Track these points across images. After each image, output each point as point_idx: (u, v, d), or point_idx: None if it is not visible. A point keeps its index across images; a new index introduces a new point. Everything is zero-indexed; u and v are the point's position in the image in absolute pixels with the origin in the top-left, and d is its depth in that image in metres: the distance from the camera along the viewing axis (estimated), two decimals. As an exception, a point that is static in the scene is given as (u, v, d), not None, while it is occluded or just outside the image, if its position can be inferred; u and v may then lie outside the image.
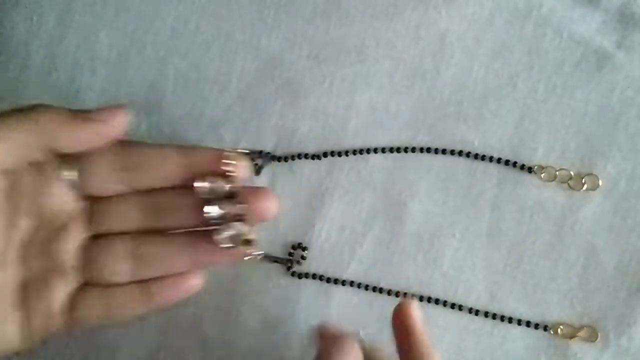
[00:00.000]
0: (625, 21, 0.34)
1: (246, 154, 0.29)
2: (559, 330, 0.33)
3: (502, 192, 0.34)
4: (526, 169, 0.34)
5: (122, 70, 0.37)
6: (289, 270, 0.35)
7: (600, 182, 0.34)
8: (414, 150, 0.35)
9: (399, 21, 0.35)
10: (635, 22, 0.34)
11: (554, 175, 0.34)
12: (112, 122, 0.28)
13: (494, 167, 0.35)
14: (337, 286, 0.35)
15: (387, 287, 0.35)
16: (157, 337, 0.35)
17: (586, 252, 0.34)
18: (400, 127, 0.35)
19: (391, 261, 0.35)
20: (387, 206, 0.35)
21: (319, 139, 0.36)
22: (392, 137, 0.35)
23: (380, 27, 0.36)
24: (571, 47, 0.34)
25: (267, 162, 0.35)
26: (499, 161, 0.34)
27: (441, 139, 0.35)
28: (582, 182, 0.34)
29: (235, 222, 0.28)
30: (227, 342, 0.35)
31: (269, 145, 0.36)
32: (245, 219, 0.28)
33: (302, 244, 0.35)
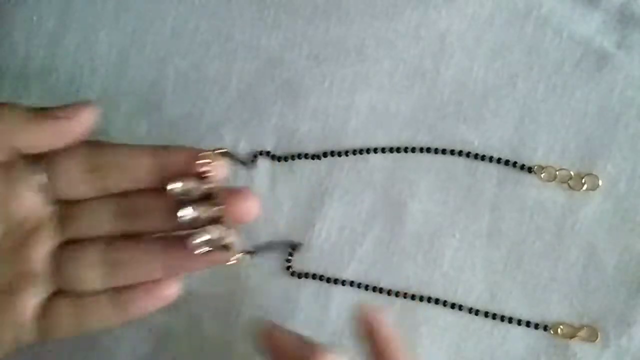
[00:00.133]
0: (625, 21, 0.34)
1: (224, 154, 0.27)
2: (559, 330, 0.33)
3: (502, 192, 0.34)
4: (526, 169, 0.34)
5: (122, 70, 0.37)
6: (288, 269, 0.35)
7: (600, 182, 0.34)
8: (414, 150, 0.35)
9: (399, 21, 0.35)
10: (635, 22, 0.34)
11: (554, 175, 0.34)
12: (78, 120, 0.27)
13: (494, 167, 0.35)
14: (337, 286, 0.35)
15: (387, 287, 0.35)
16: (157, 337, 0.35)
17: (586, 252, 0.34)
18: (400, 127, 0.35)
19: (391, 261, 0.35)
20: (387, 206, 0.35)
21: (319, 139, 0.36)
22: (392, 137, 0.35)
23: (380, 27, 0.36)
24: (571, 47, 0.34)
25: (250, 164, 0.35)
26: (499, 161, 0.34)
27: (441, 139, 0.35)
28: (582, 182, 0.34)
29: (211, 226, 0.26)
30: (227, 342, 0.35)
31: (269, 145, 0.36)
32: (222, 222, 0.26)
33: (296, 243, 0.35)
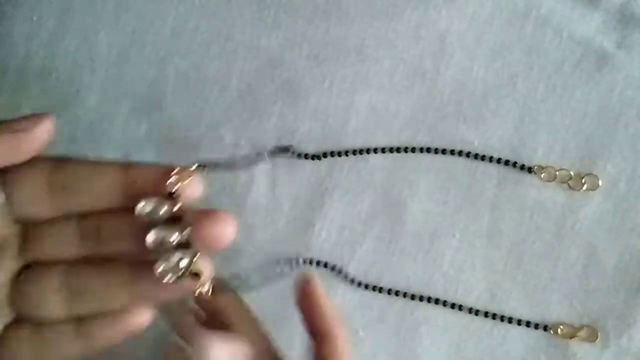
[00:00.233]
0: (625, 21, 0.34)
1: (197, 169, 0.25)
2: (559, 330, 0.33)
3: (502, 192, 0.34)
4: (526, 169, 0.34)
5: (122, 70, 0.37)
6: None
7: (600, 182, 0.34)
8: (414, 150, 0.35)
9: (399, 21, 0.35)
10: (635, 22, 0.34)
11: (554, 175, 0.34)
12: (35, 133, 0.25)
13: (494, 167, 0.35)
14: (337, 286, 0.35)
15: (387, 287, 0.35)
16: (157, 337, 0.35)
17: (586, 252, 0.34)
18: (400, 127, 0.35)
19: (391, 261, 0.35)
20: (387, 206, 0.35)
21: (319, 139, 0.36)
22: (392, 137, 0.35)
23: (380, 27, 0.36)
24: (571, 47, 0.34)
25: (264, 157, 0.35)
26: (499, 161, 0.34)
27: (441, 139, 0.35)
28: (582, 182, 0.34)
29: (178, 251, 0.24)
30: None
31: (269, 145, 0.36)
32: (190, 247, 0.24)
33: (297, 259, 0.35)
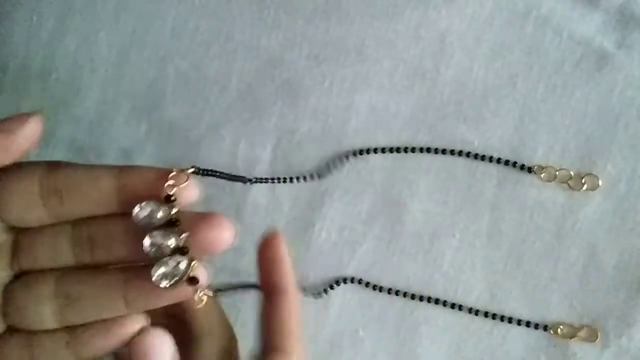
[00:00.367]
0: (625, 21, 0.34)
1: (195, 173, 0.24)
2: (559, 330, 0.33)
3: (502, 192, 0.34)
4: (526, 169, 0.34)
5: (122, 70, 0.37)
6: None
7: (600, 182, 0.34)
8: (414, 150, 0.35)
9: (399, 21, 0.35)
10: (635, 22, 0.34)
11: (554, 175, 0.34)
12: (22, 132, 0.25)
13: (494, 167, 0.35)
14: (337, 286, 0.35)
15: (387, 287, 0.35)
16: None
17: (586, 252, 0.34)
18: (400, 127, 0.35)
19: (391, 261, 0.35)
20: (387, 206, 0.35)
21: (319, 139, 0.36)
22: (392, 137, 0.35)
23: (380, 27, 0.36)
24: (571, 47, 0.34)
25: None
26: (499, 161, 0.34)
27: (441, 139, 0.35)
28: (582, 182, 0.34)
29: (174, 256, 0.23)
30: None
31: (269, 145, 0.36)
32: (187, 252, 0.23)
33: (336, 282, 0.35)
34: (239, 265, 0.35)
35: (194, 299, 0.24)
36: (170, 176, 0.24)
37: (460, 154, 0.35)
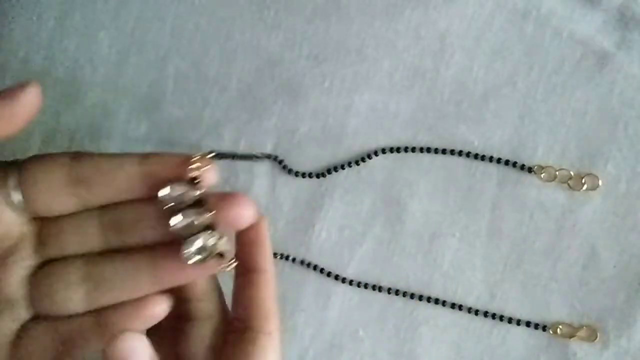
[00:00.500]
0: (625, 21, 0.34)
1: (213, 157, 0.26)
2: (559, 330, 0.33)
3: (502, 192, 0.34)
4: (526, 169, 0.34)
5: (122, 70, 0.37)
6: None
7: (600, 182, 0.34)
8: (414, 150, 0.35)
9: (399, 21, 0.35)
10: (635, 22, 0.34)
11: (554, 175, 0.34)
12: (22, 100, 0.25)
13: (494, 167, 0.35)
14: (337, 286, 0.35)
15: (387, 287, 0.35)
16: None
17: (586, 252, 0.34)
18: (400, 127, 0.35)
19: (391, 261, 0.35)
20: (387, 206, 0.35)
21: (319, 139, 0.36)
22: (392, 137, 0.35)
23: (380, 27, 0.36)
24: (571, 47, 0.34)
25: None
26: (499, 161, 0.34)
27: (441, 139, 0.35)
28: (582, 182, 0.34)
29: (204, 233, 0.25)
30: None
31: (269, 145, 0.36)
32: (215, 229, 0.25)
33: None
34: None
35: (222, 270, 0.26)
36: (193, 159, 0.25)
37: (460, 154, 0.35)
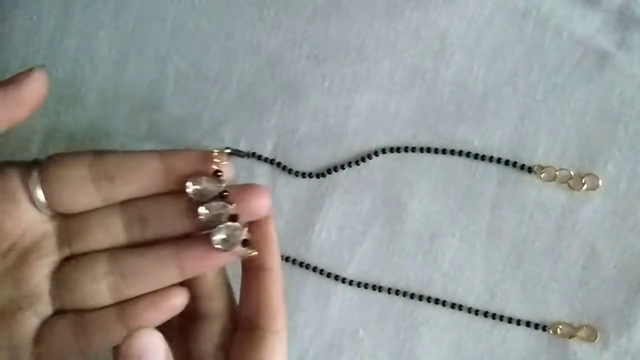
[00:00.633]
0: (625, 21, 0.34)
1: (230, 153, 0.28)
2: (559, 330, 0.33)
3: (502, 192, 0.34)
4: (526, 169, 0.34)
5: (122, 70, 0.37)
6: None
7: (600, 182, 0.34)
8: (414, 150, 0.35)
9: (399, 21, 0.35)
10: (635, 22, 0.34)
11: (554, 175, 0.34)
12: (28, 87, 0.26)
13: (494, 167, 0.35)
14: (337, 286, 0.35)
15: (387, 286, 0.35)
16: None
17: (586, 252, 0.34)
18: (400, 127, 0.35)
19: (391, 261, 0.35)
20: (387, 206, 0.35)
21: (319, 139, 0.36)
22: (392, 137, 0.35)
23: (380, 27, 0.36)
24: (571, 47, 0.34)
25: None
26: (499, 161, 0.34)
27: (441, 139, 0.35)
28: (582, 182, 0.34)
29: (230, 223, 0.26)
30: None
31: (269, 145, 0.36)
32: (237, 219, 0.27)
33: None
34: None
35: (248, 256, 0.27)
36: (214, 156, 0.27)
37: (460, 154, 0.35)
